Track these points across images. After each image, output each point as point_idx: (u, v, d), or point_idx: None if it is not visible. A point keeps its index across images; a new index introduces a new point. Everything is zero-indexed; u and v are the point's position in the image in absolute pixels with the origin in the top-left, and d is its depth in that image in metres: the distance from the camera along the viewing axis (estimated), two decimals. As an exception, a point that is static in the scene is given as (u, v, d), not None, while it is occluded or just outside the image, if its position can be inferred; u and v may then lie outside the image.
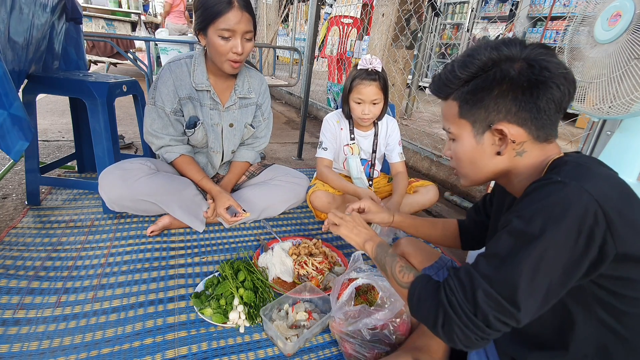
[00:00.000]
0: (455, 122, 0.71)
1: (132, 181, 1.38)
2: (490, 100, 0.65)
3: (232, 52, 1.30)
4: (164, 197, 1.43)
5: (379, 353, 0.94)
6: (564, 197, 0.55)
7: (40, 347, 0.91)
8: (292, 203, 1.71)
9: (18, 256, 1.25)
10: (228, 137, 1.56)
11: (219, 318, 1.04)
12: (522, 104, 0.63)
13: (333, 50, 4.57)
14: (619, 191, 0.58)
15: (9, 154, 1.06)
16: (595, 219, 0.53)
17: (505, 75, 0.63)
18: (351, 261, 1.08)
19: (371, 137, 1.70)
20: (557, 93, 0.62)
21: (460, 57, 0.68)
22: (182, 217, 1.47)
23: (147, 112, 1.46)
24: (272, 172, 1.73)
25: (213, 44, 1.29)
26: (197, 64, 1.43)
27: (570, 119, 2.43)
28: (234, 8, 1.24)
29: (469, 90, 0.67)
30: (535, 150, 0.68)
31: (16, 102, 1.07)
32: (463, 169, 0.76)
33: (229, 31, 1.26)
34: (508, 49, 0.64)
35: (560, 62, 0.62)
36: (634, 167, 1.18)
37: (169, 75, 1.41)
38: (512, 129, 0.65)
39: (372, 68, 1.48)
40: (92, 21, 4.83)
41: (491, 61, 0.64)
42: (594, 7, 1.21)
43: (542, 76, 0.61)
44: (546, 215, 0.55)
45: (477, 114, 0.67)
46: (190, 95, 1.44)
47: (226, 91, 1.50)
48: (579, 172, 0.58)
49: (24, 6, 1.27)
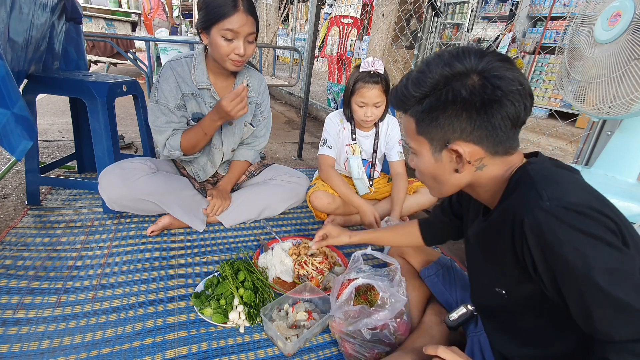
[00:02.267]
0: (414, 138, 0.71)
1: (132, 181, 1.38)
2: (444, 119, 0.64)
3: (235, 54, 1.31)
4: (164, 197, 1.43)
5: (379, 353, 0.94)
6: (577, 222, 0.54)
7: (40, 347, 0.91)
8: (292, 203, 1.71)
9: (18, 256, 1.25)
10: (227, 135, 1.56)
11: (219, 318, 1.04)
12: (476, 123, 0.62)
13: (333, 50, 4.57)
14: (594, 195, 0.59)
15: (13, 154, 1.06)
16: (608, 219, 0.54)
17: (457, 96, 0.61)
18: (351, 261, 1.08)
19: (372, 137, 1.70)
20: (511, 109, 0.61)
21: (415, 73, 0.67)
22: (182, 216, 1.47)
23: (150, 111, 1.46)
24: (272, 172, 1.73)
25: (216, 43, 1.30)
26: (197, 62, 1.43)
27: (570, 119, 2.43)
28: (239, 11, 1.25)
29: (423, 109, 0.66)
30: (496, 163, 0.68)
31: (19, 102, 1.07)
32: (426, 182, 0.77)
33: (233, 32, 1.27)
34: (461, 63, 0.62)
35: (515, 77, 0.60)
36: (634, 167, 1.18)
37: (171, 72, 1.41)
38: (468, 147, 0.65)
39: (374, 70, 1.48)
40: (92, 21, 4.83)
41: (443, 78, 0.62)
42: (594, 7, 1.21)
43: (495, 95, 0.60)
44: (584, 244, 0.53)
45: (433, 133, 0.67)
46: (193, 92, 1.45)
47: (226, 89, 1.51)
48: (556, 188, 0.58)
49: (24, 6, 1.27)
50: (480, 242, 0.77)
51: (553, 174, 0.62)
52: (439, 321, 0.99)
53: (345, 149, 1.70)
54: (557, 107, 5.08)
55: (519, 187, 0.64)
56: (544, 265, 0.58)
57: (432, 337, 0.95)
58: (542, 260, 0.58)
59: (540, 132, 4.30)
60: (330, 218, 1.69)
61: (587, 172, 1.25)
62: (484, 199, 0.75)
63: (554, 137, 4.35)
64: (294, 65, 5.57)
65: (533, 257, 0.59)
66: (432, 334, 0.95)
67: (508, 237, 0.63)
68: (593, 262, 0.52)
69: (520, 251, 0.61)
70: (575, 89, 1.24)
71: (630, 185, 1.16)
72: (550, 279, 0.58)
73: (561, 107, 5.05)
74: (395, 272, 1.00)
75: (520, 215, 0.59)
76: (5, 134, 1.04)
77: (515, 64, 0.63)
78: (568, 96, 1.27)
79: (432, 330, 0.97)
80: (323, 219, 1.73)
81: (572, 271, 0.54)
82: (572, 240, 0.53)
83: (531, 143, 3.50)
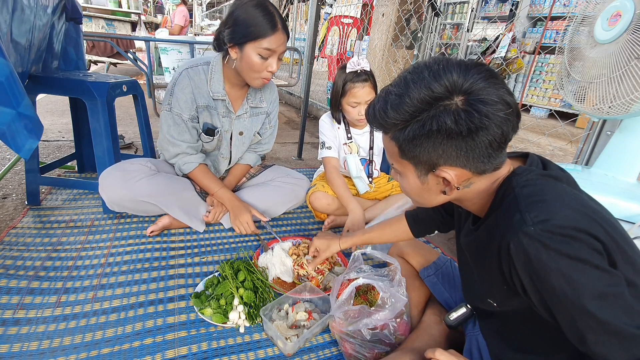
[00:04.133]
0: (397, 161, 0.69)
1: (133, 182, 1.38)
2: (428, 145, 0.61)
3: (267, 71, 1.33)
4: (164, 198, 1.43)
5: (379, 353, 0.94)
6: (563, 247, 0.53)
7: (40, 347, 0.91)
8: (292, 204, 1.70)
9: (18, 256, 1.25)
10: (237, 144, 1.58)
11: (219, 318, 1.04)
12: (462, 149, 0.59)
13: (333, 50, 4.57)
14: (581, 211, 0.56)
15: (19, 153, 1.06)
16: (594, 239, 0.53)
17: (441, 126, 0.58)
18: (351, 261, 1.08)
19: (367, 134, 1.70)
20: (498, 133, 0.58)
21: (394, 96, 0.62)
22: (183, 217, 1.47)
23: (163, 119, 1.45)
24: (272, 173, 1.73)
25: (249, 60, 1.29)
26: (214, 72, 1.42)
27: (570, 119, 2.43)
28: (278, 31, 1.27)
29: (406, 136, 0.62)
30: (483, 179, 0.66)
31: (24, 101, 1.07)
32: (413, 199, 0.76)
33: (270, 51, 1.28)
34: (442, 83, 0.58)
35: (500, 98, 0.57)
36: (634, 167, 1.18)
37: (188, 82, 1.39)
38: (455, 171, 0.63)
39: (361, 69, 1.49)
40: (92, 21, 4.83)
41: (424, 104, 0.59)
42: (594, 7, 1.21)
43: (482, 123, 0.57)
44: (572, 270, 0.52)
45: (417, 158, 0.64)
46: (208, 104, 1.44)
47: (239, 100, 1.52)
48: (541, 209, 0.56)
49: (26, 7, 1.27)
50: (470, 253, 0.77)
51: (538, 191, 0.59)
52: (439, 321, 0.99)
53: (343, 149, 1.70)
54: (557, 107, 5.09)
55: (504, 203, 0.63)
56: (533, 289, 0.57)
57: (432, 337, 0.95)
58: (530, 285, 0.57)
59: (540, 132, 4.30)
60: (330, 218, 1.69)
61: (587, 172, 1.25)
62: (471, 210, 0.74)
63: (554, 137, 4.35)
64: (294, 65, 5.57)
65: (522, 280, 0.58)
66: (431, 334, 0.96)
67: (496, 259, 0.62)
68: (582, 288, 0.52)
69: (508, 274, 0.61)
70: (575, 89, 1.24)
71: (630, 185, 1.16)
72: (540, 301, 0.58)
73: (561, 107, 5.05)
74: (395, 272, 1.00)
75: (506, 239, 0.58)
76: (12, 133, 1.04)
77: (501, 78, 0.60)
78: (568, 96, 1.27)
79: (432, 330, 0.97)
80: (323, 219, 1.73)
81: (562, 298, 0.54)
82: (559, 267, 0.52)
83: (531, 143, 3.51)
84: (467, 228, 0.77)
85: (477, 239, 0.71)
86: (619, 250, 0.55)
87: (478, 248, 0.72)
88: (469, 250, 0.77)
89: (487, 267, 0.67)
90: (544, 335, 0.68)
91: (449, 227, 1.04)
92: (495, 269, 0.64)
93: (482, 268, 0.72)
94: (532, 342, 0.71)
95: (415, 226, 1.10)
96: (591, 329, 0.53)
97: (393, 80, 0.65)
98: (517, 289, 0.60)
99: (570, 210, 0.55)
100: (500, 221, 0.62)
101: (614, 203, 1.07)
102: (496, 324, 0.79)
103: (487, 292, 0.73)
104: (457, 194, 0.68)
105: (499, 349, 0.79)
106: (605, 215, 0.58)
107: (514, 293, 0.63)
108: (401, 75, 0.64)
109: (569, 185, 0.63)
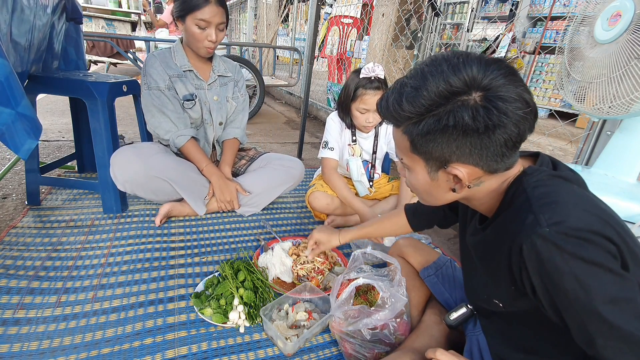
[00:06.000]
0: (407, 155, 0.67)
1: (147, 157, 1.45)
2: (442, 141, 0.59)
3: (207, 40, 1.50)
4: (176, 175, 1.50)
5: (379, 353, 0.94)
6: (578, 249, 0.52)
7: (40, 347, 0.91)
8: (289, 185, 1.79)
9: (18, 256, 1.25)
10: (215, 109, 1.69)
11: (219, 318, 1.04)
12: (476, 146, 0.58)
13: (333, 50, 4.56)
14: (595, 213, 0.56)
15: (18, 153, 1.06)
16: (608, 242, 0.52)
17: (458, 122, 0.56)
18: (351, 261, 1.08)
19: (372, 138, 1.70)
20: (515, 132, 0.57)
21: (410, 88, 0.60)
22: (189, 197, 1.55)
23: (144, 100, 1.56)
24: (268, 158, 1.85)
25: (190, 31, 1.48)
26: (176, 50, 1.60)
27: (570, 119, 2.43)
28: (211, 3, 1.44)
29: (420, 131, 0.60)
30: (494, 179, 0.65)
31: (23, 101, 1.07)
32: (419, 195, 0.75)
33: (205, 22, 1.45)
34: (461, 77, 0.56)
35: (520, 96, 0.56)
36: (634, 167, 1.18)
37: (155, 58, 1.56)
38: (467, 169, 0.61)
39: (375, 76, 1.47)
40: (92, 21, 4.83)
41: (442, 98, 0.57)
42: (594, 7, 1.21)
43: (500, 121, 0.56)
44: (586, 273, 0.52)
45: (429, 153, 0.62)
46: (178, 74, 1.58)
47: (206, 71, 1.67)
48: (555, 211, 0.55)
49: (26, 7, 1.27)
50: (477, 253, 0.76)
51: (550, 192, 0.58)
52: (439, 321, 0.98)
53: (347, 149, 1.70)
54: (557, 107, 5.09)
55: (514, 203, 0.62)
56: (544, 291, 0.57)
57: (432, 337, 0.94)
58: (541, 287, 0.56)
59: (540, 132, 4.29)
60: (330, 219, 1.69)
61: (587, 172, 1.25)
62: (479, 210, 0.73)
63: (554, 137, 4.35)
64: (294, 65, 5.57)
65: (532, 282, 0.57)
66: (431, 334, 0.95)
67: (505, 259, 0.62)
68: (595, 292, 0.51)
69: (518, 275, 0.60)
70: (575, 89, 1.24)
71: (630, 185, 1.16)
72: (550, 303, 0.57)
73: (561, 107, 5.05)
74: (395, 272, 1.00)
75: (518, 241, 0.57)
76: (10, 133, 1.04)
77: (520, 77, 0.59)
78: (568, 96, 1.27)
79: (432, 329, 0.97)
80: (323, 219, 1.73)
81: (574, 301, 0.53)
82: (573, 270, 0.51)
83: (531, 143, 3.50)
84: (473, 227, 0.76)
85: (485, 239, 0.70)
86: (631, 252, 0.54)
87: (486, 248, 0.71)
88: (476, 249, 0.76)
89: (495, 268, 0.67)
90: (549, 336, 0.67)
91: (449, 223, 1.03)
92: (504, 270, 0.63)
93: (489, 268, 0.72)
94: (536, 343, 0.70)
95: (414, 220, 1.10)
96: (601, 333, 0.53)
97: (408, 71, 0.63)
98: (526, 290, 0.60)
99: (584, 212, 0.55)
100: (510, 222, 0.61)
101: (614, 203, 1.07)
102: (500, 324, 0.79)
103: (494, 292, 0.72)
104: (467, 193, 0.67)
105: (501, 349, 0.79)
106: (616, 217, 0.57)
107: (521, 294, 0.63)
108: (417, 67, 0.62)
109: (579, 186, 0.62)
